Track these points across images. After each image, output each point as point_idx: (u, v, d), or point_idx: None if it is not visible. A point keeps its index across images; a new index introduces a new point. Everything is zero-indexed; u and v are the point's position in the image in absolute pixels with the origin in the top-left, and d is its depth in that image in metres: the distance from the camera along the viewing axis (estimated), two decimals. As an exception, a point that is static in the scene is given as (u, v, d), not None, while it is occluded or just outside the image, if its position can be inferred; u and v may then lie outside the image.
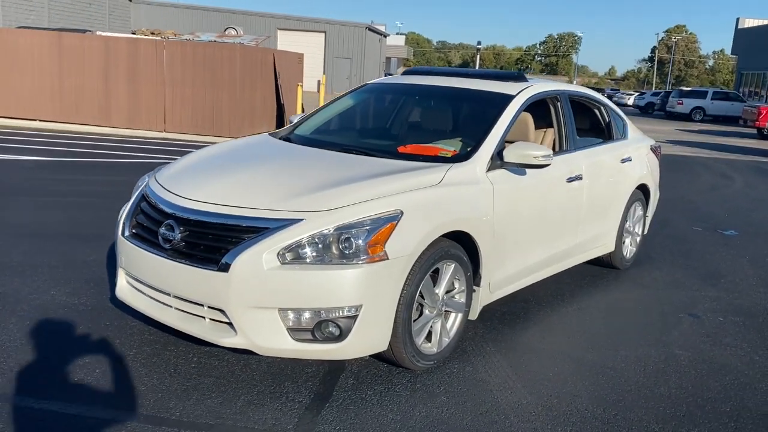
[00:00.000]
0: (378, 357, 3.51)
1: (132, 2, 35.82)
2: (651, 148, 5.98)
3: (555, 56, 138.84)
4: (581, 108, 5.44)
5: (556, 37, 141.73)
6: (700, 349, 4.08)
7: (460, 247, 3.55)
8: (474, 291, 3.81)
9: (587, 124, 5.55)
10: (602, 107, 5.46)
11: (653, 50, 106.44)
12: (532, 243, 4.23)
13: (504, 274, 4.02)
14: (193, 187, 3.40)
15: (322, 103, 7.63)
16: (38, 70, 13.66)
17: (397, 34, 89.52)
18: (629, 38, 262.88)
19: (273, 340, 3.02)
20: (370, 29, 37.27)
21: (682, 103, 36.80)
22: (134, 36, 13.90)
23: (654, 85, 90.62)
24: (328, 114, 4.84)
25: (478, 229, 3.63)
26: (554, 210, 4.39)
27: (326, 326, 3.04)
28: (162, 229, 3.24)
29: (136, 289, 3.49)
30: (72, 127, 13.63)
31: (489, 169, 3.84)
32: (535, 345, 3.97)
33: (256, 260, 2.97)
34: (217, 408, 2.98)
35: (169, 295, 3.24)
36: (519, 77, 4.68)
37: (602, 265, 5.66)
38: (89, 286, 4.39)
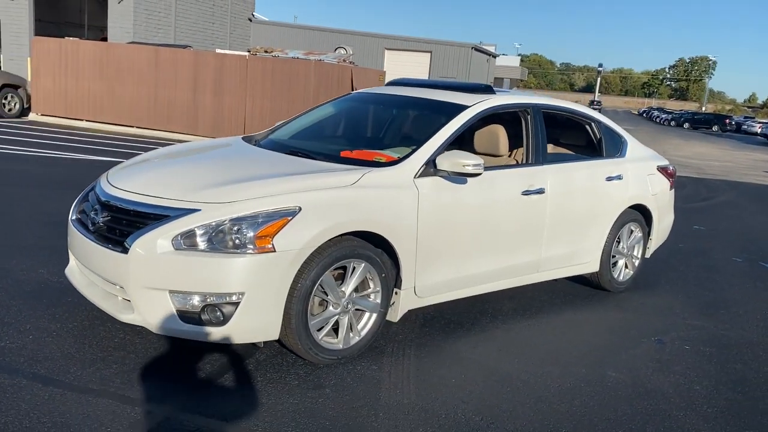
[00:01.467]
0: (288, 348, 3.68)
1: (252, 22, 38.05)
2: (659, 169, 5.73)
3: (685, 81, 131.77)
4: (567, 124, 5.35)
5: (687, 60, 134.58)
6: (638, 373, 3.90)
7: (372, 247, 3.65)
8: (395, 293, 3.88)
9: (573, 140, 5.45)
10: (592, 123, 5.33)
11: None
12: (474, 253, 4.22)
13: (436, 281, 4.06)
14: (126, 178, 3.74)
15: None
16: (137, 82, 14.93)
17: (518, 55, 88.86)
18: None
19: (164, 319, 3.27)
20: (476, 49, 37.26)
21: (814, 133, 33.93)
22: (222, 51, 14.87)
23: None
24: (306, 120, 5.07)
25: (395, 233, 3.71)
26: (505, 222, 4.35)
27: (212, 311, 3.25)
28: (91, 214, 3.61)
29: (79, 269, 3.87)
30: (163, 134, 14.76)
31: (420, 176, 3.91)
32: (461, 354, 3.96)
33: (151, 244, 3.24)
34: (109, 376, 3.27)
35: (94, 274, 3.59)
36: (485, 90, 4.71)
37: (592, 285, 5.50)
38: (76, 268, 4.85)
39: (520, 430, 3.13)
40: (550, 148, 5.60)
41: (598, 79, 79.98)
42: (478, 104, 4.43)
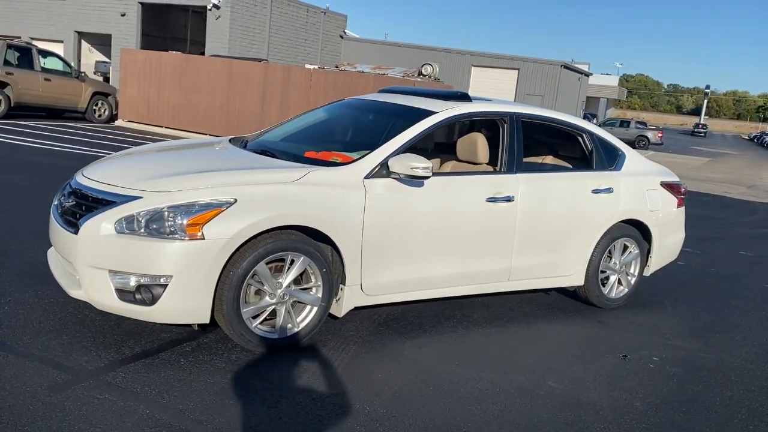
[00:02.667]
0: (228, 334, 3.87)
1: (343, 39, 39.13)
2: (664, 185, 5.53)
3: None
4: (557, 134, 5.29)
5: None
6: (580, 386, 3.82)
7: (312, 241, 3.79)
8: (341, 289, 4.00)
9: (563, 151, 5.38)
10: (583, 135, 5.23)
11: None
12: (430, 255, 4.27)
13: (386, 280, 4.13)
14: (96, 170, 4.08)
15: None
16: (212, 91, 15.79)
17: (622, 75, 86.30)
18: None
19: (103, 296, 3.55)
20: (566, 67, 36.55)
21: None
22: (309, 67, 15.55)
23: None
24: (298, 123, 5.30)
25: (337, 229, 3.83)
26: (465, 227, 4.37)
27: (145, 291, 3.50)
28: (62, 200, 3.97)
29: (55, 251, 4.24)
30: (232, 142, 15.50)
31: (372, 177, 4.02)
32: (403, 353, 4.01)
33: (95, 227, 3.53)
34: (55, 346, 3.57)
35: (58, 253, 3.93)
36: (460, 97, 4.76)
37: (581, 300, 5.38)
38: (80, 253, 5.28)
39: (418, 424, 3.17)
40: (549, 159, 5.56)
41: (705, 101, 76.13)
42: (445, 111, 4.49)
